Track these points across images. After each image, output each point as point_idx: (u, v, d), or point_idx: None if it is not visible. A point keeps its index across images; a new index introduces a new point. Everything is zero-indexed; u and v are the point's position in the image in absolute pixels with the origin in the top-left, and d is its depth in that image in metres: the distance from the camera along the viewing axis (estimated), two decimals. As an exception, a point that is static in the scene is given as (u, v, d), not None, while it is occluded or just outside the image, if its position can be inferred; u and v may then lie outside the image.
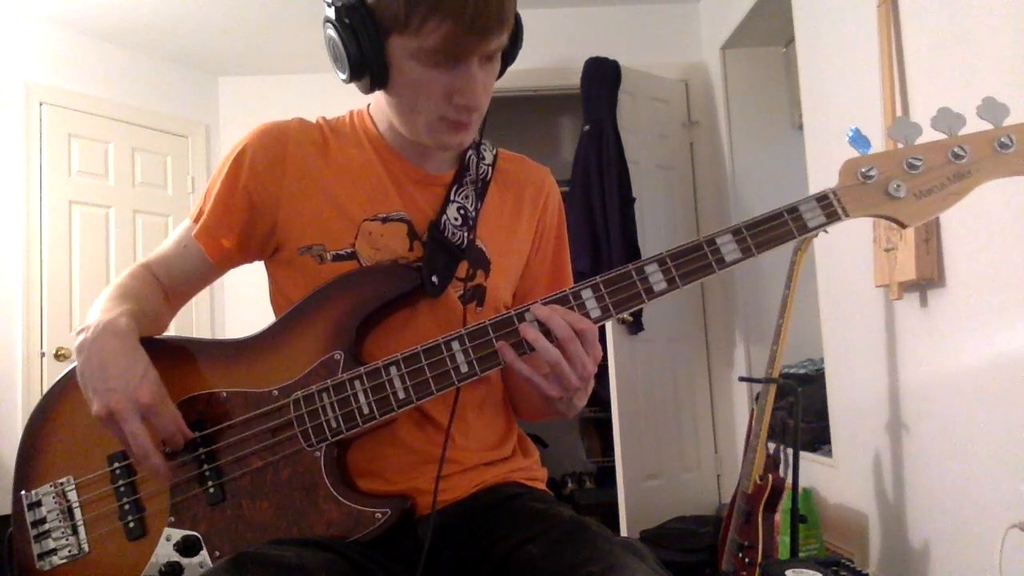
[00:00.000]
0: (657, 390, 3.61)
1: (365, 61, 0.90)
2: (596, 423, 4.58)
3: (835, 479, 2.76)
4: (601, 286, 0.90)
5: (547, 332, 0.88)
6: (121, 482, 0.96)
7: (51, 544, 0.96)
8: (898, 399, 2.31)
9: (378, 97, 1.03)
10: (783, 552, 2.33)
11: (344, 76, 0.95)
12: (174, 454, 0.94)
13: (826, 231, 0.93)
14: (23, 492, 0.98)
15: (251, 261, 1.08)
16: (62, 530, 0.96)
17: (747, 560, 2.28)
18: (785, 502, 2.30)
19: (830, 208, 0.90)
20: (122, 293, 1.01)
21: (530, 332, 0.88)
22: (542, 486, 1.09)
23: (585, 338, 0.88)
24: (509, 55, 0.99)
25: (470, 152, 1.08)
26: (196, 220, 1.05)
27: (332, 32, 0.92)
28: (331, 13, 0.91)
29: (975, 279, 1.93)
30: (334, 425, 0.92)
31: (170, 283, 1.08)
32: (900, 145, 0.90)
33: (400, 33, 0.88)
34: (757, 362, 3.52)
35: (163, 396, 0.92)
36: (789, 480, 2.28)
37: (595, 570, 0.80)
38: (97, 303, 1.00)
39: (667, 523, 3.27)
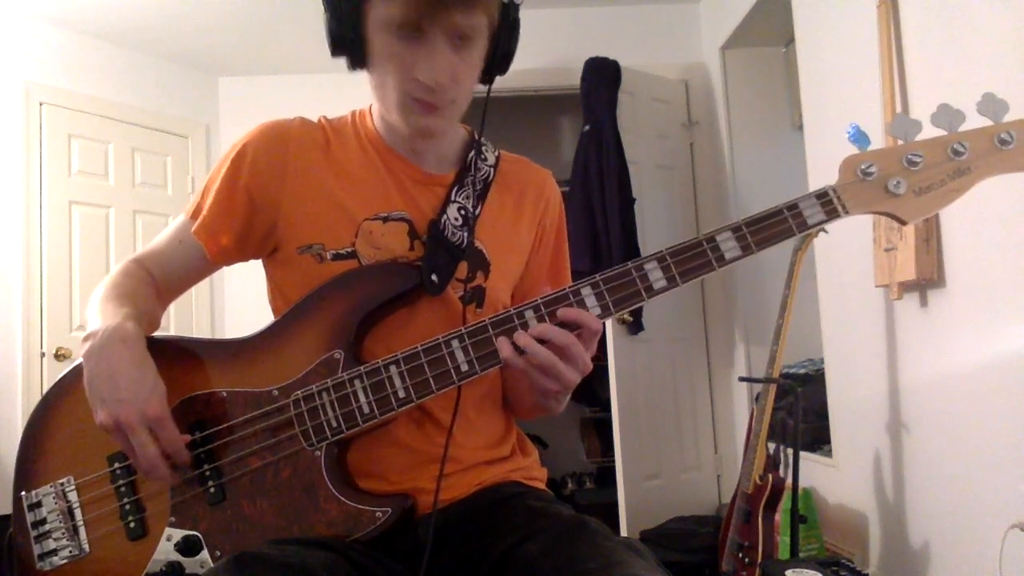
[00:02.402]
0: (657, 390, 3.61)
1: (343, 35, 0.92)
2: (596, 423, 4.58)
3: (835, 479, 2.76)
4: (601, 284, 0.90)
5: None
6: (121, 482, 0.96)
7: (52, 544, 0.96)
8: (898, 399, 2.31)
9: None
10: (783, 552, 2.33)
11: (330, 52, 0.96)
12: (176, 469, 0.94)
13: (826, 230, 0.93)
14: (23, 493, 0.98)
15: (247, 259, 1.07)
16: (63, 530, 0.96)
17: (747, 560, 2.29)
18: (785, 502, 2.30)
19: (830, 205, 0.89)
20: (120, 293, 1.00)
21: (522, 338, 0.87)
22: (542, 485, 1.09)
23: (584, 335, 0.88)
24: (502, 55, 0.98)
25: (471, 153, 1.08)
26: (194, 217, 1.04)
27: (323, 9, 0.94)
28: None
29: (975, 279, 1.93)
30: (334, 424, 0.92)
31: (163, 279, 1.07)
32: (900, 141, 0.90)
33: (369, 3, 0.90)
34: (757, 362, 3.51)
35: (169, 412, 0.91)
36: (789, 480, 2.28)
37: (594, 567, 0.80)
38: (93, 303, 0.99)
39: (667, 523, 3.27)
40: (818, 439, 2.94)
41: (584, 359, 0.88)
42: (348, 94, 1.46)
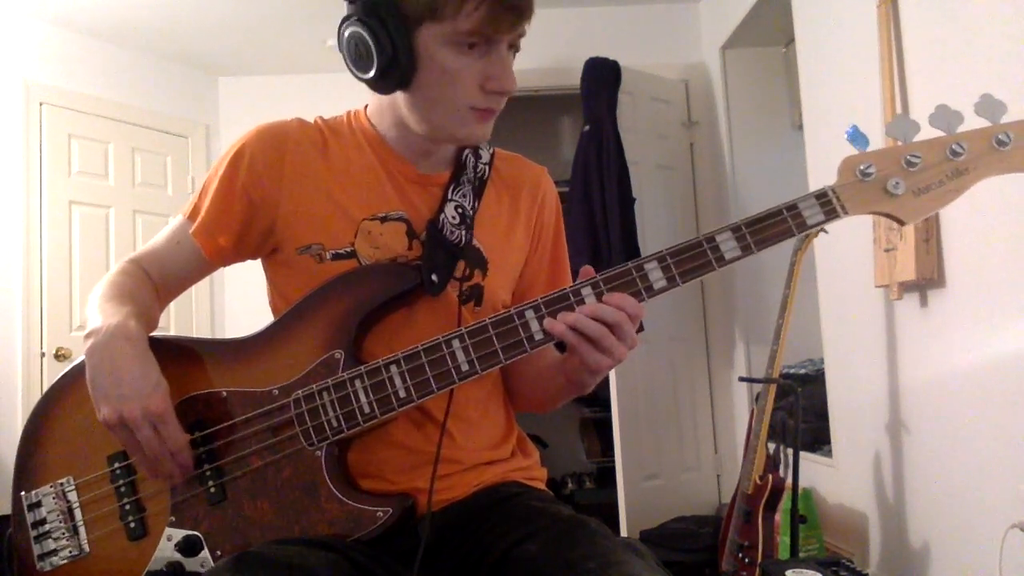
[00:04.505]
0: (657, 390, 3.61)
1: (396, 56, 0.90)
2: (596, 423, 4.58)
3: (835, 479, 2.76)
4: (601, 284, 0.90)
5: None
6: (121, 482, 0.96)
7: (51, 545, 0.96)
8: (898, 399, 2.31)
9: (379, 97, 1.03)
10: (783, 552, 2.33)
11: (370, 75, 0.94)
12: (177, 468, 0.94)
13: (825, 230, 0.93)
14: (23, 492, 0.98)
15: (245, 260, 1.07)
16: (62, 531, 0.96)
17: (747, 560, 2.28)
18: (785, 502, 2.30)
19: (829, 205, 0.90)
20: (119, 292, 1.00)
21: (570, 316, 0.88)
22: (542, 486, 1.09)
23: (631, 315, 0.88)
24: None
25: (467, 151, 1.08)
26: (191, 218, 1.04)
27: (358, 28, 0.91)
28: (355, 9, 0.91)
29: (975, 279, 1.93)
30: (335, 424, 0.92)
31: (161, 279, 1.07)
32: (898, 142, 0.90)
33: (433, 20, 0.89)
34: (757, 362, 3.51)
35: (172, 409, 0.91)
36: (789, 480, 2.28)
37: (593, 567, 0.80)
38: (93, 302, 0.99)
39: (667, 523, 3.27)
40: (818, 439, 2.94)
41: (632, 335, 0.89)
42: (347, 94, 1.46)
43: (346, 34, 0.94)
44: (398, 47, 0.90)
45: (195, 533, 0.93)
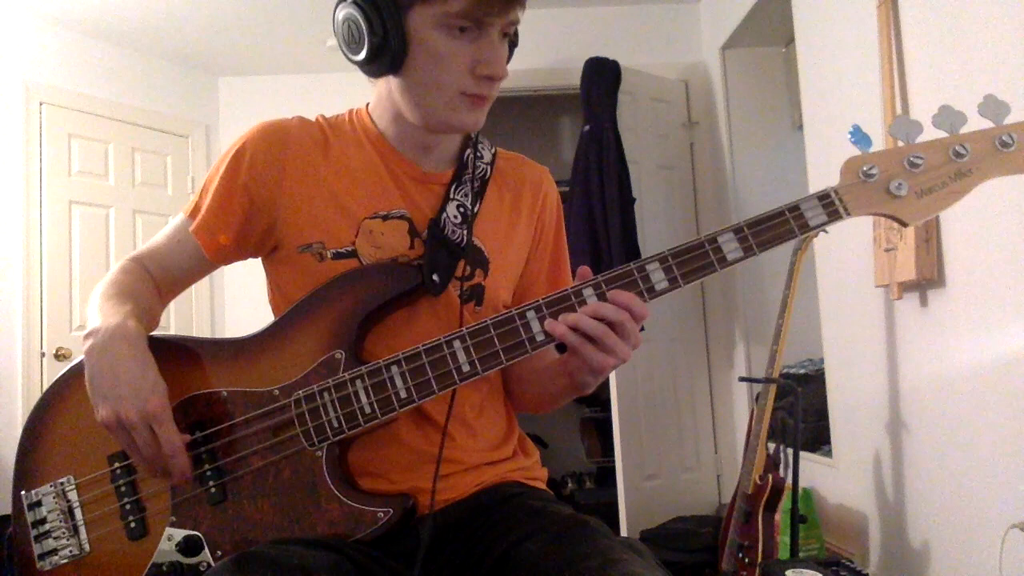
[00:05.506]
0: (657, 390, 3.61)
1: (387, 38, 0.91)
2: (596, 423, 4.58)
3: (835, 479, 2.76)
4: (603, 284, 0.90)
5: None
6: (122, 482, 0.96)
7: (52, 544, 0.96)
8: (898, 399, 2.31)
9: (379, 93, 1.03)
10: (783, 552, 2.33)
11: (361, 57, 0.94)
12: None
13: (826, 231, 0.93)
14: (23, 492, 0.98)
15: (246, 258, 1.08)
16: (63, 530, 0.96)
17: (747, 560, 2.28)
18: (785, 502, 2.30)
19: (831, 207, 0.89)
20: (120, 291, 1.00)
21: (571, 316, 0.87)
22: (542, 486, 1.09)
23: (635, 314, 0.88)
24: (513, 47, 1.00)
25: (468, 150, 1.08)
26: (192, 216, 1.04)
27: (351, 9, 0.92)
28: None
29: (975, 279, 1.93)
30: (335, 424, 0.92)
31: (162, 278, 1.07)
32: (901, 143, 0.90)
33: (424, 2, 0.89)
34: (757, 362, 3.51)
35: (169, 411, 0.91)
36: (789, 480, 2.28)
37: (593, 565, 0.80)
38: (94, 301, 0.99)
39: (667, 523, 3.27)
40: (818, 439, 2.94)
41: (636, 335, 0.88)
42: (348, 94, 1.46)
43: (340, 16, 0.95)
44: (389, 29, 0.91)
45: (195, 533, 0.93)
